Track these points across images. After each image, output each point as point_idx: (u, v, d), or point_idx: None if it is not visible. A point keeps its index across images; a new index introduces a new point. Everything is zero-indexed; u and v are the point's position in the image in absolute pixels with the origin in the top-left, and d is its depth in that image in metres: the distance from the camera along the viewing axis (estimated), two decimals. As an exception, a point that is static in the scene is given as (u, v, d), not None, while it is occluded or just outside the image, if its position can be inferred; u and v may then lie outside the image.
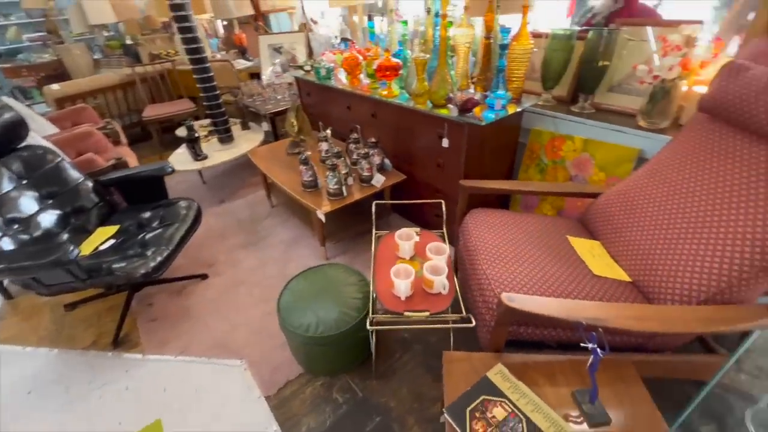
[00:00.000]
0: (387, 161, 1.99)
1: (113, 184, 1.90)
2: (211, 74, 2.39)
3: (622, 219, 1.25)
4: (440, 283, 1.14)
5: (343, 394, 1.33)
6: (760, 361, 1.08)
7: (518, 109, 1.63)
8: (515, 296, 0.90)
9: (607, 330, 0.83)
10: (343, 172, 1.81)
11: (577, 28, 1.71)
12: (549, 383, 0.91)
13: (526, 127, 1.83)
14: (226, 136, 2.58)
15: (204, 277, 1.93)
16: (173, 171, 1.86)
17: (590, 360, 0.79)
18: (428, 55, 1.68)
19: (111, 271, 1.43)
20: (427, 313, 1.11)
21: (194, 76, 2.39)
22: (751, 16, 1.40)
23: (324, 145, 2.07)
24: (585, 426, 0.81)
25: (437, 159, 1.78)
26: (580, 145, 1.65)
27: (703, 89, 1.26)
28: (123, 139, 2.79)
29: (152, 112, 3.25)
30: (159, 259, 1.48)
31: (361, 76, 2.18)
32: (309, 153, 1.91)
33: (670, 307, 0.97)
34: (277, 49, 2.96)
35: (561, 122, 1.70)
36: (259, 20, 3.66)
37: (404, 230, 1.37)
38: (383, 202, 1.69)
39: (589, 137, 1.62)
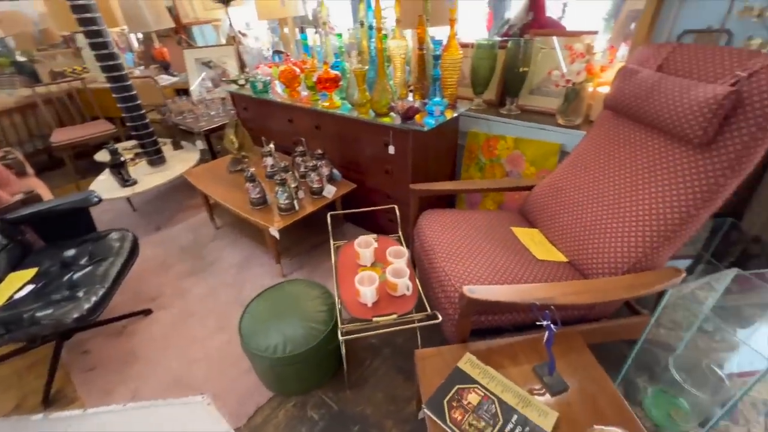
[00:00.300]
0: (336, 171, 2.00)
1: (25, 221, 1.66)
2: (134, 92, 2.20)
3: (554, 207, 1.40)
4: (404, 284, 1.18)
5: (318, 411, 1.31)
6: (673, 315, 1.28)
7: (455, 114, 1.75)
8: (475, 288, 0.97)
9: (555, 307, 0.94)
10: (293, 185, 1.79)
11: (498, 38, 1.89)
12: (512, 363, 0.99)
13: (463, 130, 1.96)
14: (156, 158, 2.39)
15: (147, 312, 1.77)
16: (100, 201, 1.69)
17: (546, 336, 0.88)
18: (366, 67, 1.74)
19: (35, 321, 1.26)
20: (395, 316, 1.15)
21: (114, 95, 2.19)
22: (633, 26, 1.66)
23: (269, 160, 2.02)
24: (548, 396, 0.90)
25: (385, 166, 1.83)
26: (512, 143, 1.82)
27: (605, 89, 1.47)
28: (29, 169, 2.44)
29: (62, 136, 2.90)
30: (94, 299, 1.33)
31: (300, 88, 2.17)
32: (254, 169, 1.85)
33: (602, 279, 1.11)
34: (206, 64, 2.82)
35: (493, 124, 1.85)
36: (180, 33, 3.45)
37: (363, 238, 1.39)
38: (337, 212, 1.70)
39: (518, 136, 1.79)
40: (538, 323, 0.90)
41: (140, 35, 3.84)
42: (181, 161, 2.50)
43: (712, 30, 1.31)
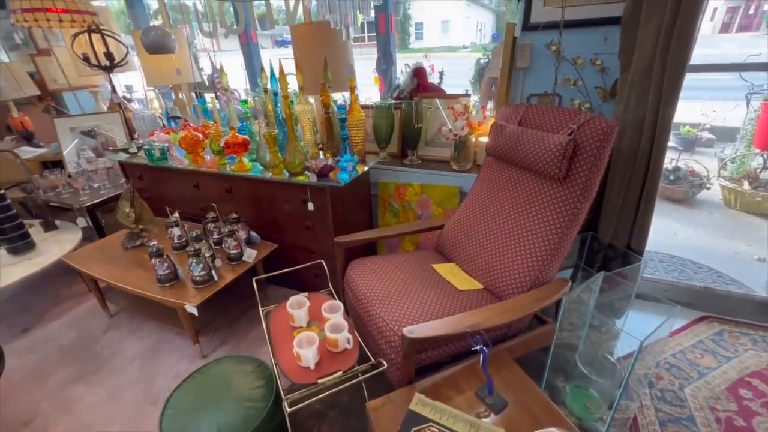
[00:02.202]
0: (253, 234, 1.94)
1: None
2: (-12, 171, 1.85)
3: (464, 241, 1.59)
4: (344, 338, 1.19)
5: (266, 504, 1.16)
6: (570, 318, 1.53)
7: (366, 168, 1.90)
8: (414, 327, 1.04)
9: (483, 330, 1.05)
10: (208, 255, 1.67)
11: (392, 101, 2.15)
12: (457, 392, 1.06)
13: (374, 181, 2.12)
14: (22, 244, 1.99)
15: (18, 442, 1.38)
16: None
17: (481, 359, 0.98)
18: (276, 130, 1.80)
19: None
20: (340, 373, 1.13)
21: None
22: (493, 88, 2.08)
23: (176, 231, 1.86)
24: (493, 416, 0.98)
25: (305, 222, 1.85)
26: (419, 189, 2.03)
27: (485, 139, 1.79)
28: None
29: None
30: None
31: (204, 153, 2.11)
32: (156, 242, 1.68)
33: (514, 298, 1.29)
34: (87, 133, 2.53)
35: (400, 173, 2.05)
36: (48, 101, 3.06)
37: (294, 298, 1.36)
38: (262, 276, 1.63)
39: (423, 182, 2.02)
40: (472, 349, 0.99)
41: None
42: (56, 243, 2.12)
43: (549, 93, 1.73)
